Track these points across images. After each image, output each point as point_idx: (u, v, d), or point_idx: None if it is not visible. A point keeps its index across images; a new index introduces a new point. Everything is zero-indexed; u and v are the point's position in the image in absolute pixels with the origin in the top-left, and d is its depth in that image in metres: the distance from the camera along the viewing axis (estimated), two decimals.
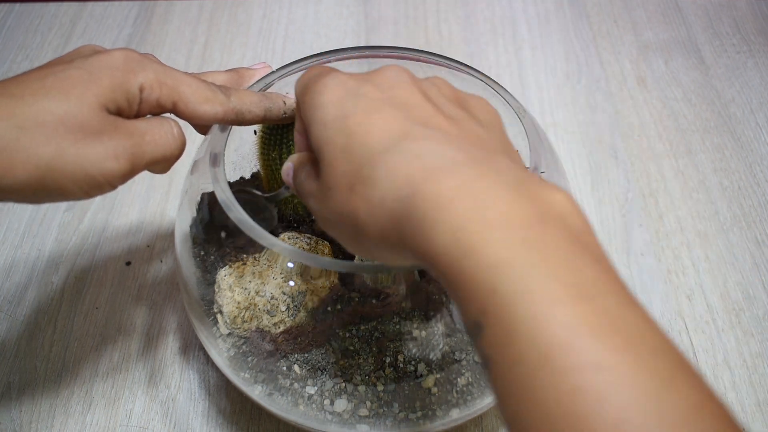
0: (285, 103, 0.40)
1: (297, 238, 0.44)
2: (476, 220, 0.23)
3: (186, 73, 0.35)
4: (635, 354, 0.21)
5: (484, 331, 0.23)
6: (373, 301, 0.40)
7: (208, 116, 0.35)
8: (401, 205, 0.25)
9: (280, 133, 0.43)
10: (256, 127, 0.46)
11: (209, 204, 0.45)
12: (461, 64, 0.46)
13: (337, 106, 0.29)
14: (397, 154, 0.27)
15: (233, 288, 0.41)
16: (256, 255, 0.42)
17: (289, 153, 0.43)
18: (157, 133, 0.33)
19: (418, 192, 0.25)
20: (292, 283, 0.41)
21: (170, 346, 0.53)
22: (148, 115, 0.34)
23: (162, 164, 0.35)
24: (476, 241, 0.23)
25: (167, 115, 0.35)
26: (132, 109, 0.33)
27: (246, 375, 0.42)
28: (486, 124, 0.31)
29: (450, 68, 0.47)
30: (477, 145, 0.28)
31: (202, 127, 0.40)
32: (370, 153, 0.27)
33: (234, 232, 0.38)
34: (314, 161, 0.31)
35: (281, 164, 0.44)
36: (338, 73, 0.32)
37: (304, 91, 0.32)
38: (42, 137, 0.29)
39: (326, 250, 0.44)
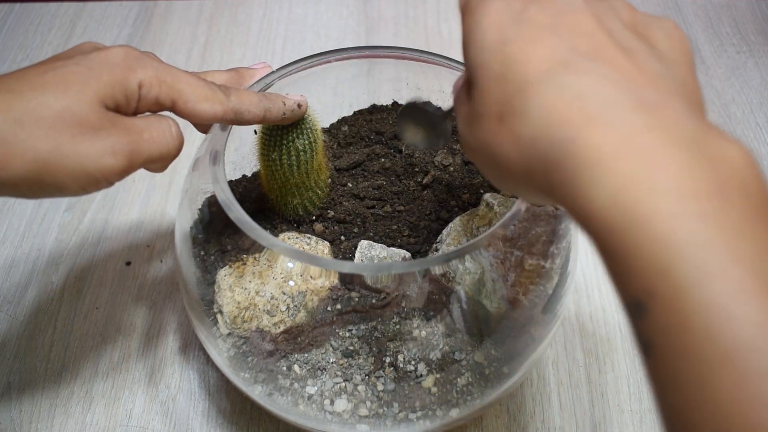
0: (285, 104, 0.40)
1: (297, 238, 0.44)
2: (644, 184, 0.21)
3: (186, 71, 0.35)
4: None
5: (648, 314, 0.20)
6: (373, 301, 0.40)
7: (207, 115, 0.35)
8: (554, 149, 0.23)
9: (280, 134, 0.43)
10: (257, 127, 0.46)
11: (209, 204, 0.45)
12: (461, 64, 0.46)
13: (497, 29, 0.27)
14: (554, 88, 0.24)
15: (233, 288, 0.41)
16: (256, 255, 0.42)
17: (289, 154, 0.43)
18: (155, 130, 0.33)
19: (575, 139, 0.22)
20: (292, 283, 0.41)
21: (170, 346, 0.53)
22: (147, 113, 0.34)
23: (159, 162, 0.35)
24: (643, 210, 0.20)
25: (166, 113, 0.35)
26: (131, 106, 0.33)
27: (246, 375, 0.42)
28: (667, 57, 0.27)
29: (450, 68, 0.47)
30: (652, 85, 0.24)
31: (202, 126, 0.40)
32: (525, 83, 0.25)
33: (234, 232, 0.38)
34: (470, 83, 0.29)
35: (281, 165, 0.44)
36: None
37: (465, 9, 0.29)
38: (40, 132, 0.29)
39: (326, 250, 0.44)
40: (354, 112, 0.55)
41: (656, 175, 0.21)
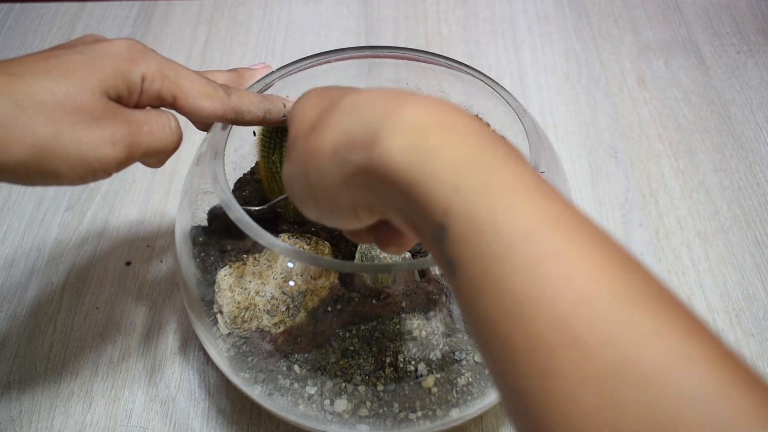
0: (285, 106, 0.40)
1: (297, 238, 0.44)
2: (436, 127, 0.24)
3: (189, 69, 0.35)
4: (598, 246, 0.21)
5: (448, 233, 0.23)
6: (373, 301, 0.40)
7: (208, 112, 0.35)
8: (359, 122, 0.26)
9: (280, 135, 0.43)
10: (256, 128, 0.46)
11: (211, 209, 0.45)
12: (461, 64, 0.46)
13: (316, 96, 0.31)
14: (361, 92, 0.27)
15: (233, 288, 0.41)
16: (256, 255, 0.42)
17: None
18: (155, 124, 0.33)
19: (378, 108, 0.26)
20: (292, 283, 0.41)
21: (170, 346, 0.52)
22: (147, 108, 0.34)
23: (157, 156, 0.34)
24: (436, 143, 0.24)
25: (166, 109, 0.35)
26: (132, 98, 0.33)
27: (246, 375, 0.42)
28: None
29: (450, 68, 0.47)
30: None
31: (202, 124, 0.40)
32: (339, 97, 0.28)
33: (234, 232, 0.38)
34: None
35: (281, 166, 0.44)
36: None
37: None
38: (40, 116, 0.29)
39: (326, 250, 0.44)
40: None
41: (447, 121, 0.25)
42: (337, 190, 0.27)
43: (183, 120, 0.36)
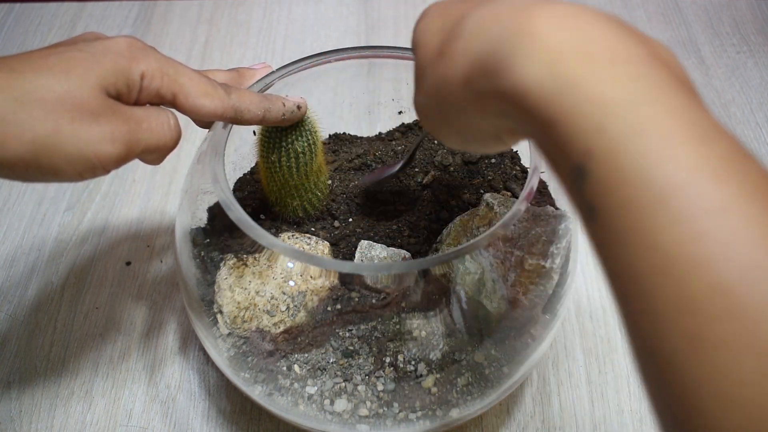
0: (284, 105, 0.40)
1: (297, 238, 0.44)
2: (577, 52, 0.22)
3: (189, 67, 0.35)
4: (763, 200, 0.19)
5: (588, 177, 0.21)
6: (373, 301, 0.40)
7: (207, 111, 0.35)
8: (488, 44, 0.24)
9: (279, 136, 0.43)
10: (256, 127, 0.46)
11: (210, 208, 0.45)
12: None
13: (443, 3, 0.29)
14: (489, 4, 0.25)
15: (233, 288, 0.41)
16: (256, 255, 0.42)
17: (288, 156, 0.43)
18: (154, 121, 0.33)
19: (506, 28, 0.23)
20: (292, 283, 0.41)
21: (170, 345, 0.53)
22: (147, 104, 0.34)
23: (156, 153, 0.34)
24: (577, 74, 0.21)
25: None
26: (131, 96, 0.33)
27: (246, 375, 0.42)
28: None
29: None
30: None
31: (203, 122, 0.40)
32: (461, 17, 0.26)
33: (234, 232, 0.38)
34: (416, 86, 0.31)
35: (281, 167, 0.44)
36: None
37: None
38: (40, 113, 0.29)
39: (326, 250, 0.44)
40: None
41: (590, 44, 0.22)
42: (478, 119, 0.26)
43: (183, 119, 0.36)
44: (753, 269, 0.18)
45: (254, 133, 0.47)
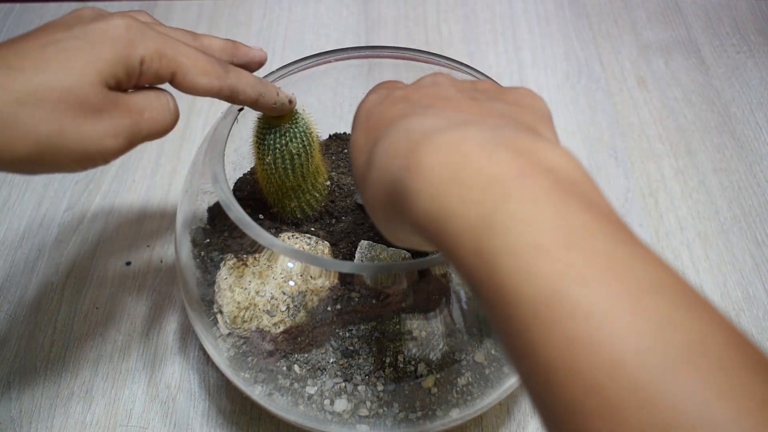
0: (278, 94, 0.40)
1: (297, 238, 0.44)
2: (453, 183, 0.23)
3: (185, 34, 0.35)
4: (629, 295, 0.20)
5: (479, 294, 0.22)
6: (373, 301, 0.40)
7: (205, 89, 0.35)
8: (391, 180, 0.26)
9: (272, 137, 0.43)
10: (252, 128, 0.46)
11: (210, 207, 0.45)
12: (461, 64, 0.46)
13: (366, 111, 0.32)
14: (392, 131, 0.27)
15: (233, 288, 0.41)
16: (256, 255, 0.42)
17: (283, 158, 0.43)
18: (155, 108, 0.33)
19: (402, 167, 0.25)
20: (292, 283, 0.41)
21: (170, 346, 0.52)
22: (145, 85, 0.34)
23: (156, 137, 0.35)
24: (453, 204, 0.23)
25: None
26: (131, 82, 0.33)
27: (246, 375, 0.42)
28: (518, 105, 0.30)
29: (450, 68, 0.47)
30: (490, 116, 0.28)
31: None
32: (376, 138, 0.29)
33: (234, 232, 0.38)
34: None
35: (276, 169, 0.44)
36: (381, 87, 0.34)
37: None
38: (42, 114, 0.29)
39: (326, 250, 0.44)
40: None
41: (463, 173, 0.23)
42: (407, 234, 0.28)
43: (184, 120, 0.36)
44: (617, 367, 0.19)
45: (240, 110, 0.46)
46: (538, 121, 0.30)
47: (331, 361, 0.41)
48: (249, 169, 0.53)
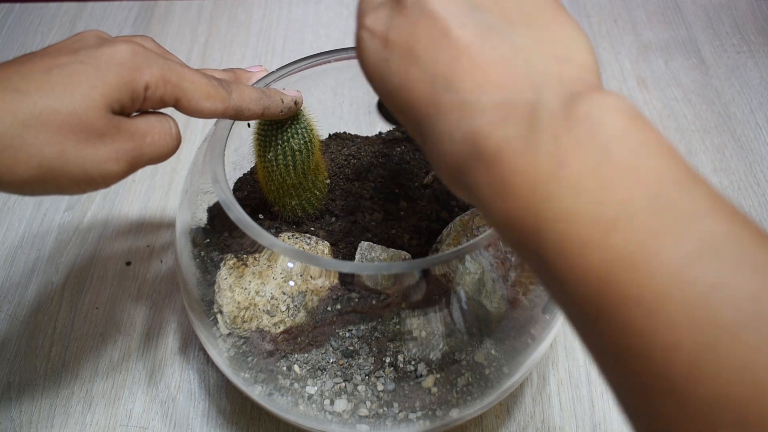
0: (282, 101, 0.40)
1: (297, 238, 0.44)
2: (500, 194, 0.24)
3: (189, 67, 0.35)
4: (674, 267, 0.20)
5: (548, 290, 0.24)
6: (373, 301, 0.40)
7: (209, 112, 0.35)
8: (460, 180, 0.26)
9: (274, 133, 0.43)
10: (253, 124, 0.46)
11: (210, 207, 0.45)
12: None
13: (374, 67, 0.30)
14: (438, 136, 0.27)
15: (233, 288, 0.41)
16: (256, 255, 0.42)
17: (285, 154, 0.43)
18: (157, 134, 0.34)
19: (464, 184, 0.26)
20: (292, 283, 0.41)
21: (170, 346, 0.52)
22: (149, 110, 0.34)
23: (157, 162, 0.35)
24: (507, 211, 0.23)
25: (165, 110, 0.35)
26: (135, 107, 0.33)
27: (246, 375, 0.42)
28: (528, 19, 0.28)
29: None
30: (516, 73, 0.26)
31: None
32: (417, 122, 0.28)
33: (234, 232, 0.38)
34: None
35: (277, 166, 0.44)
36: (366, 20, 0.30)
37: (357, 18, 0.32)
38: (46, 136, 0.29)
39: (326, 250, 0.44)
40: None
41: (507, 181, 0.24)
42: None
43: (183, 119, 0.36)
44: (673, 350, 0.19)
45: (248, 125, 0.47)
46: (551, 20, 0.28)
47: (331, 361, 0.41)
48: (249, 169, 0.53)
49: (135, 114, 0.34)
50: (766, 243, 0.20)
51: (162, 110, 0.35)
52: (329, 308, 0.41)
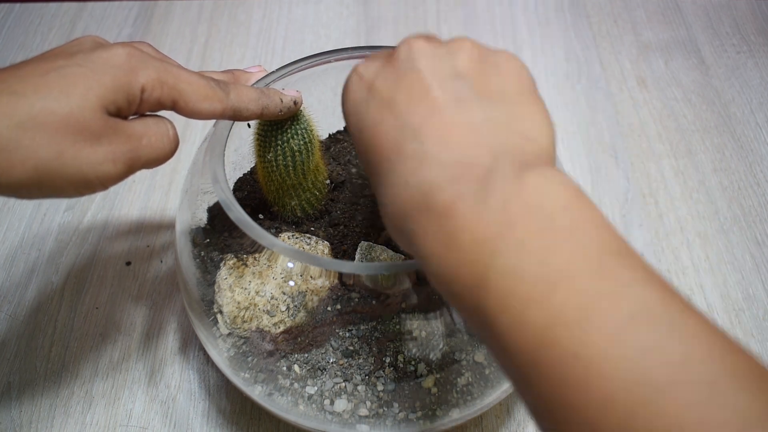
0: (282, 101, 0.40)
1: (297, 238, 0.44)
2: (451, 248, 0.25)
3: (186, 69, 0.35)
4: (611, 328, 0.21)
5: (485, 344, 0.25)
6: (373, 301, 0.40)
7: (207, 113, 0.35)
8: (405, 235, 0.28)
9: (275, 134, 0.43)
10: (252, 123, 0.46)
11: (210, 207, 0.45)
12: None
13: (354, 113, 0.32)
14: (394, 184, 0.28)
15: (233, 288, 0.41)
16: (256, 255, 0.42)
17: (285, 155, 0.43)
18: (154, 135, 0.34)
19: (409, 231, 0.27)
20: (292, 283, 0.41)
21: (170, 346, 0.53)
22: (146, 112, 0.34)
23: (155, 164, 0.35)
24: (452, 267, 0.25)
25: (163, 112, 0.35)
26: (131, 109, 0.33)
27: (246, 375, 0.42)
28: (500, 91, 0.30)
29: None
30: (477, 138, 0.28)
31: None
32: (375, 171, 0.30)
33: (234, 232, 0.38)
34: None
35: (277, 166, 0.44)
36: (359, 67, 0.33)
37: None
38: (43, 138, 0.29)
39: (326, 250, 0.44)
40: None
41: (456, 236, 0.25)
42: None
43: (183, 121, 0.36)
44: (608, 402, 0.20)
45: (248, 125, 0.47)
46: (524, 102, 0.30)
47: (331, 361, 0.41)
48: (249, 169, 0.53)
49: (133, 117, 0.34)
50: (692, 312, 0.22)
51: (161, 113, 0.35)
52: (329, 308, 0.41)
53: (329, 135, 0.56)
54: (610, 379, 0.20)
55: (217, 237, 0.44)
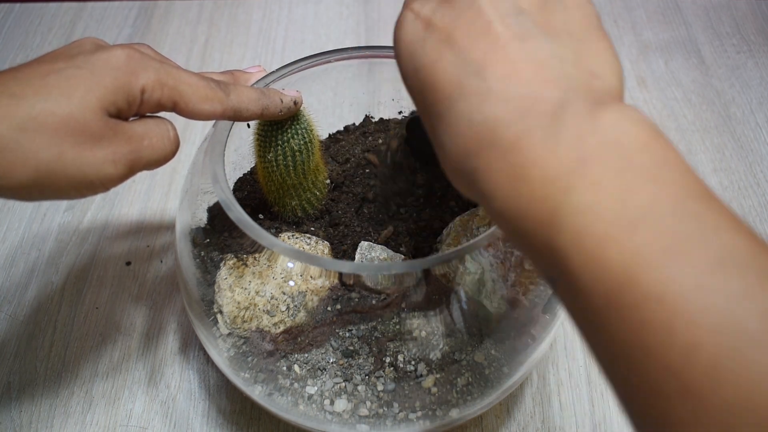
0: (282, 101, 0.40)
1: (297, 238, 0.44)
2: (521, 182, 0.24)
3: (186, 70, 0.35)
4: (699, 273, 0.20)
5: (554, 287, 0.23)
6: (373, 301, 0.40)
7: (207, 114, 0.35)
8: (467, 175, 0.26)
9: (275, 134, 0.43)
10: (252, 123, 0.46)
11: (210, 207, 0.45)
12: None
13: (409, 53, 0.30)
14: (454, 121, 0.27)
15: (233, 288, 0.41)
16: (256, 255, 0.42)
17: (285, 155, 0.43)
18: (154, 137, 0.34)
19: (473, 169, 0.26)
20: (292, 283, 0.41)
21: (170, 346, 0.52)
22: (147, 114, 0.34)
23: (156, 166, 0.35)
24: (522, 203, 0.23)
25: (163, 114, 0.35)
26: (132, 111, 0.33)
27: (246, 375, 0.42)
28: (565, 29, 0.28)
29: None
30: (544, 74, 0.26)
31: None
32: (435, 112, 0.28)
33: (234, 232, 0.38)
34: None
35: (277, 166, 0.44)
36: (413, 4, 0.31)
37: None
38: (43, 140, 0.29)
39: (326, 250, 0.44)
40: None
41: (531, 170, 0.24)
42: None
43: (183, 121, 0.36)
44: (694, 350, 0.19)
45: (248, 125, 0.47)
46: (591, 39, 0.28)
47: (331, 361, 0.41)
48: (249, 169, 0.53)
49: (133, 118, 0.34)
50: None
51: (161, 115, 0.35)
52: (329, 308, 0.41)
53: (329, 135, 0.56)
54: (698, 325, 0.19)
55: (217, 237, 0.44)
